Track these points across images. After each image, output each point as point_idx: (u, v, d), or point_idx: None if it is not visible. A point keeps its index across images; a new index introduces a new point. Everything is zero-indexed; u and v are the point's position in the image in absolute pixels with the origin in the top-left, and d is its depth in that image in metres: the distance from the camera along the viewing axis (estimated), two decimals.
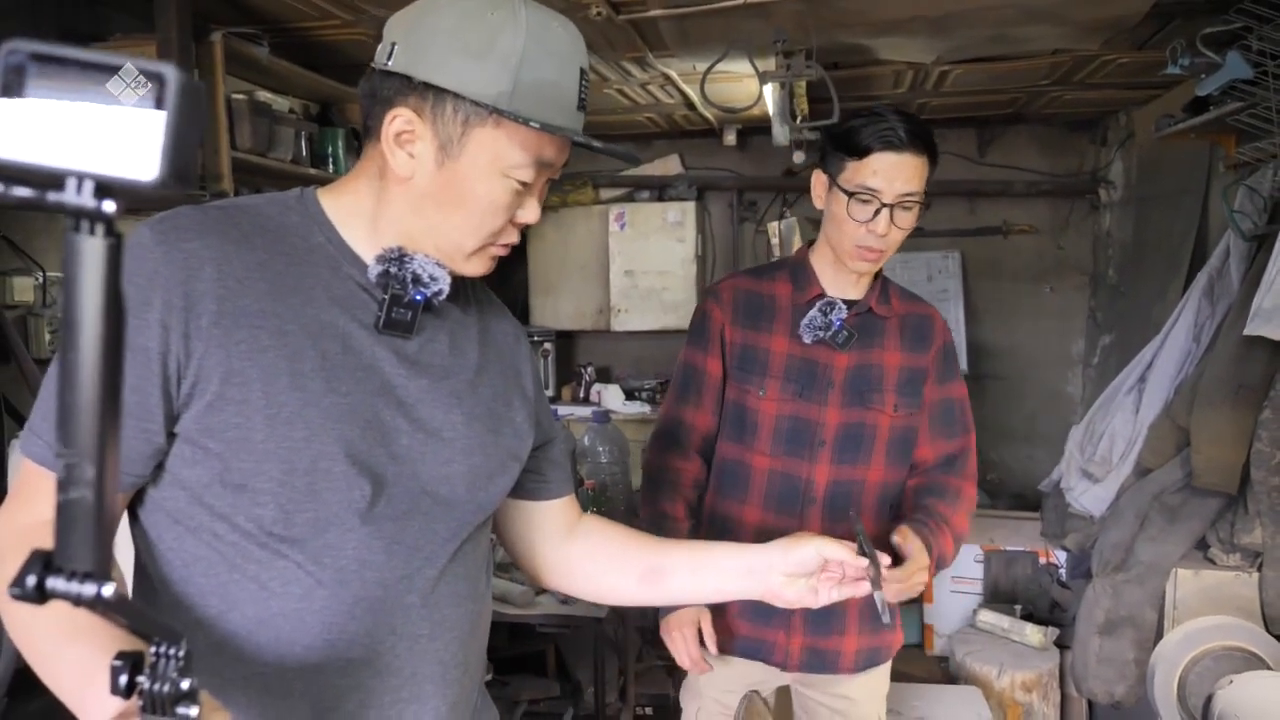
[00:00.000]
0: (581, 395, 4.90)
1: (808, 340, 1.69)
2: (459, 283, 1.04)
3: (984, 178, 4.82)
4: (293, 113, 2.89)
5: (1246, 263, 2.67)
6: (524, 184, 0.99)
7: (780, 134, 2.83)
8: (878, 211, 1.59)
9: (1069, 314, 4.88)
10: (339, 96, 3.14)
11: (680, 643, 1.68)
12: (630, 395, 4.77)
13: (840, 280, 1.72)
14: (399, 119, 0.94)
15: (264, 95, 2.55)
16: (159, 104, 0.41)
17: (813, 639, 1.74)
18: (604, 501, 2.86)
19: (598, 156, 4.64)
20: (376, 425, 0.97)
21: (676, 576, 1.20)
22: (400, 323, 0.99)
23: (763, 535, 1.69)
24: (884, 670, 1.83)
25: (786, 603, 1.17)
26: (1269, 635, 2.31)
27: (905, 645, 3.77)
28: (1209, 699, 2.08)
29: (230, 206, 0.99)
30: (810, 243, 1.80)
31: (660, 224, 4.80)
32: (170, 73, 0.41)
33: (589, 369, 4.95)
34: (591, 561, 1.23)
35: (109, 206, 0.41)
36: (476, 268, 1.03)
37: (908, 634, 3.89)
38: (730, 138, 4.52)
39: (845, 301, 1.71)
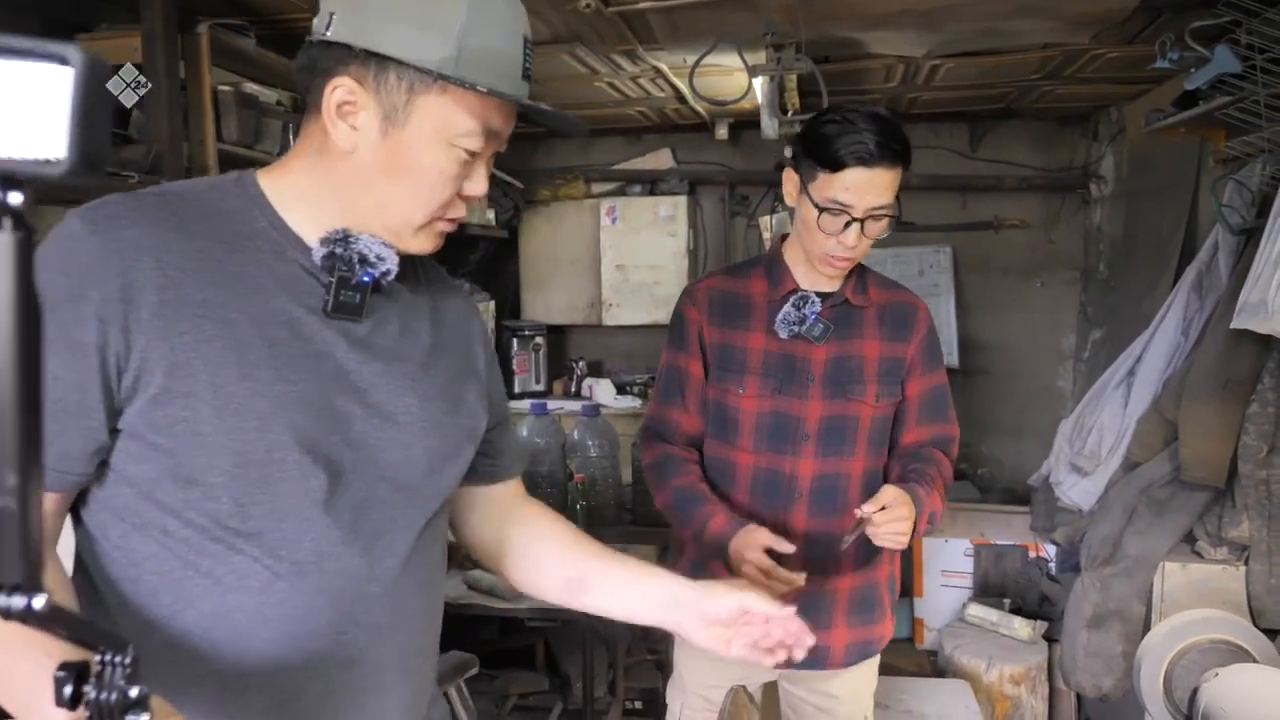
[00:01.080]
0: (573, 390, 4.89)
1: (784, 335, 1.69)
2: (407, 262, 1.02)
3: (975, 172, 4.81)
4: (280, 105, 2.87)
5: (1235, 257, 2.67)
6: (471, 154, 0.96)
7: (769, 127, 2.83)
8: (848, 224, 1.58)
9: (1060, 308, 4.89)
10: None
11: (751, 571, 1.54)
12: (621, 390, 4.76)
13: (814, 273, 1.72)
14: (340, 89, 0.92)
15: (251, 87, 2.53)
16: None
17: None
18: (593, 495, 2.86)
19: (589, 150, 4.63)
20: (330, 412, 0.95)
21: (594, 593, 1.19)
22: (349, 305, 0.97)
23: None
24: (872, 664, 1.83)
25: (697, 643, 1.15)
26: (1255, 628, 2.32)
27: (895, 639, 3.82)
28: (1195, 692, 2.08)
29: (166, 192, 0.96)
30: (784, 237, 1.80)
31: (652, 218, 4.79)
32: (73, 54, 0.40)
33: (580, 363, 4.94)
34: (524, 554, 1.22)
35: (15, 198, 0.39)
36: (424, 244, 1.01)
37: (898, 627, 3.89)
38: (722, 132, 4.51)
39: (820, 294, 1.71)
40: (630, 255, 4.80)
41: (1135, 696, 2.43)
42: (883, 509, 1.50)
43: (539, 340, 4.84)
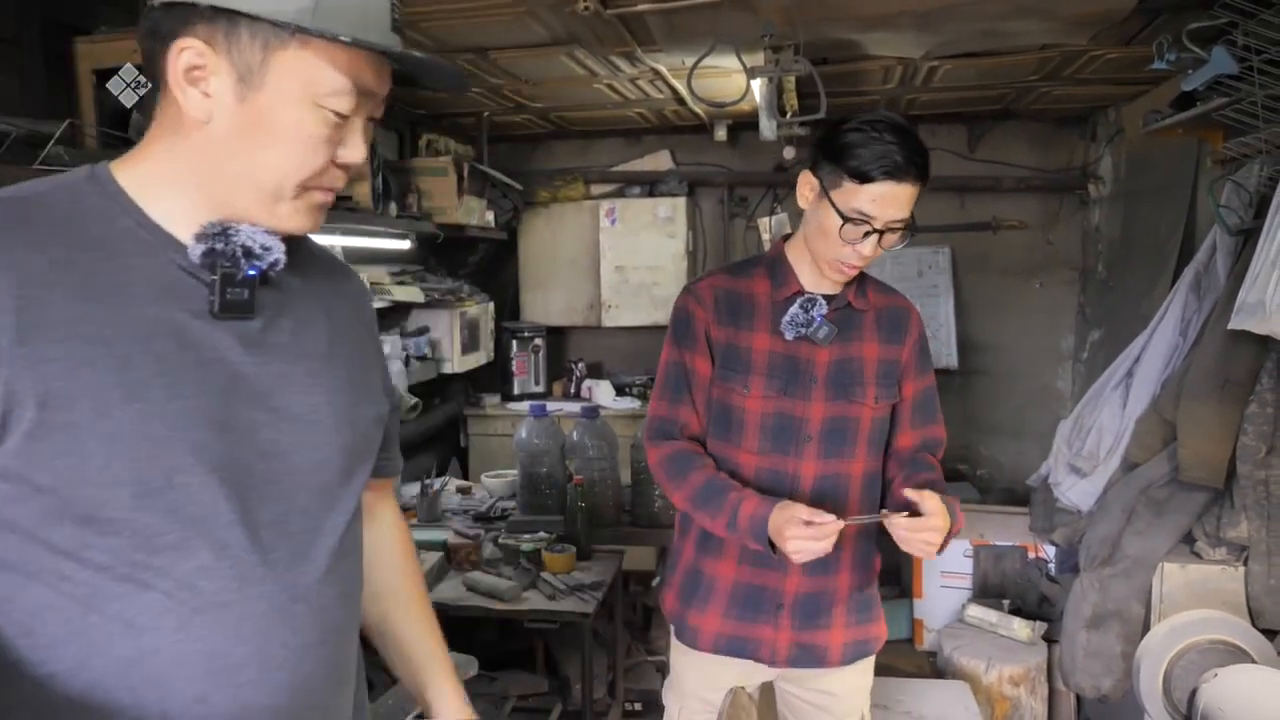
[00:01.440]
0: (572, 391, 4.90)
1: (789, 337, 1.69)
2: (293, 249, 0.94)
3: (974, 173, 4.82)
4: None
5: (1233, 257, 2.68)
6: (342, 116, 0.88)
7: (767, 129, 2.83)
8: (867, 234, 1.58)
9: (1058, 309, 4.89)
10: None
11: (802, 546, 1.50)
12: (621, 391, 4.77)
13: (819, 276, 1.72)
14: (187, 52, 0.84)
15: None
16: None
17: (800, 634, 1.75)
18: (592, 497, 2.86)
19: (588, 151, 4.62)
20: (232, 424, 0.87)
21: (384, 641, 1.20)
22: (238, 303, 0.88)
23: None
24: (868, 664, 1.83)
25: None
26: (1254, 629, 2.32)
27: (895, 640, 3.83)
28: (1193, 693, 2.08)
29: (8, 200, 0.85)
30: (786, 238, 1.79)
31: (651, 219, 4.80)
32: None
33: (580, 365, 4.95)
34: (365, 567, 1.14)
35: None
36: (302, 220, 0.92)
37: (898, 629, 3.89)
38: (721, 133, 4.52)
39: (825, 297, 1.71)
40: (629, 256, 4.81)
41: (1134, 697, 2.43)
42: (910, 515, 1.50)
43: (538, 342, 4.84)
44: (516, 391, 4.80)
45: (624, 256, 4.81)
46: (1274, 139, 2.33)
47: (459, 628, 2.96)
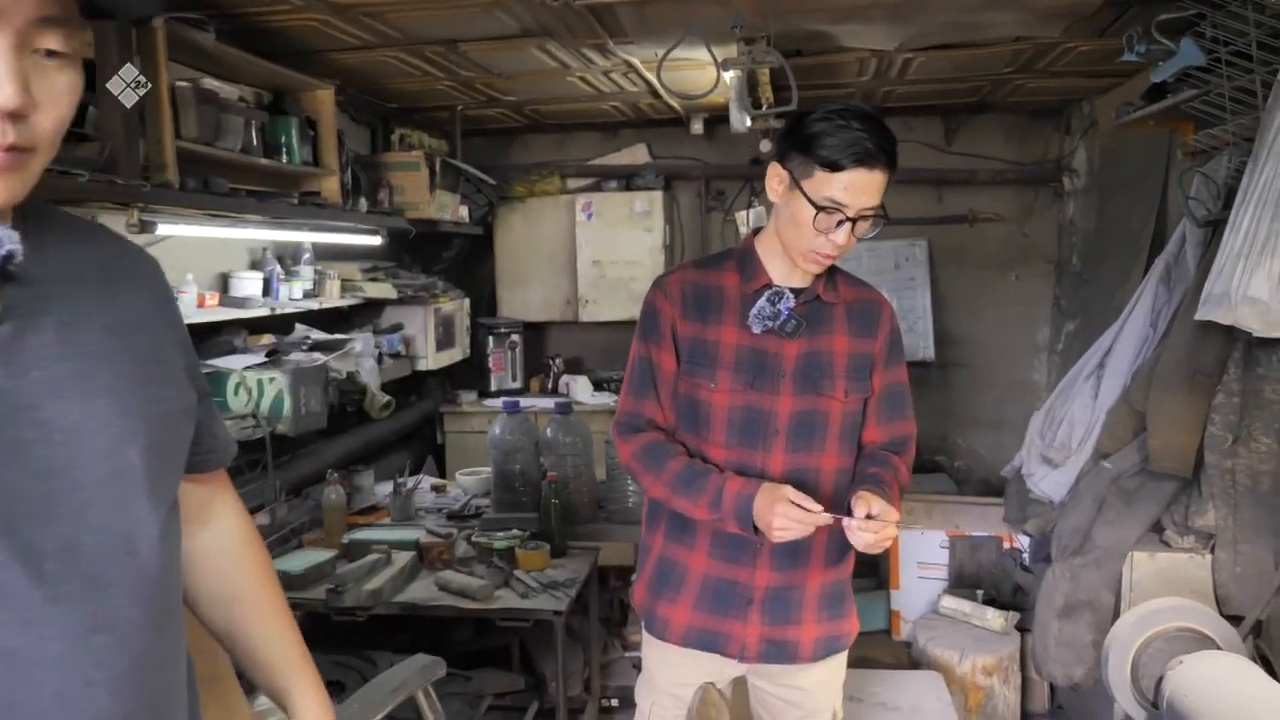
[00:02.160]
0: (550, 387, 4.87)
1: (757, 330, 1.68)
2: (46, 236, 0.82)
3: (950, 166, 4.83)
4: (243, 101, 2.84)
5: (1202, 249, 2.69)
6: None
7: (738, 121, 2.82)
8: (840, 223, 1.58)
9: (1034, 301, 4.92)
10: (292, 84, 3.09)
11: (789, 525, 1.52)
12: (599, 386, 4.76)
13: (788, 269, 1.71)
14: None
15: (210, 83, 2.50)
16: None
17: (770, 629, 1.74)
18: (566, 493, 2.84)
19: (564, 145, 4.59)
20: None
21: (235, 647, 1.11)
22: None
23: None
24: (840, 659, 1.83)
25: None
26: (1219, 616, 2.34)
27: (872, 631, 3.84)
28: (1160, 680, 2.10)
29: None
30: (756, 231, 1.78)
31: (628, 214, 4.78)
32: None
33: (557, 360, 4.92)
34: (202, 571, 1.06)
35: None
36: None
37: (875, 620, 3.91)
38: (697, 126, 4.50)
39: (793, 290, 1.70)
40: (606, 251, 4.79)
41: (1104, 686, 2.45)
42: (869, 518, 1.50)
43: (515, 338, 4.82)
44: (494, 388, 4.78)
45: (601, 251, 4.79)
46: (1241, 131, 2.34)
47: (432, 627, 2.95)
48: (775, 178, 1.66)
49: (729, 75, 2.85)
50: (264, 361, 2.92)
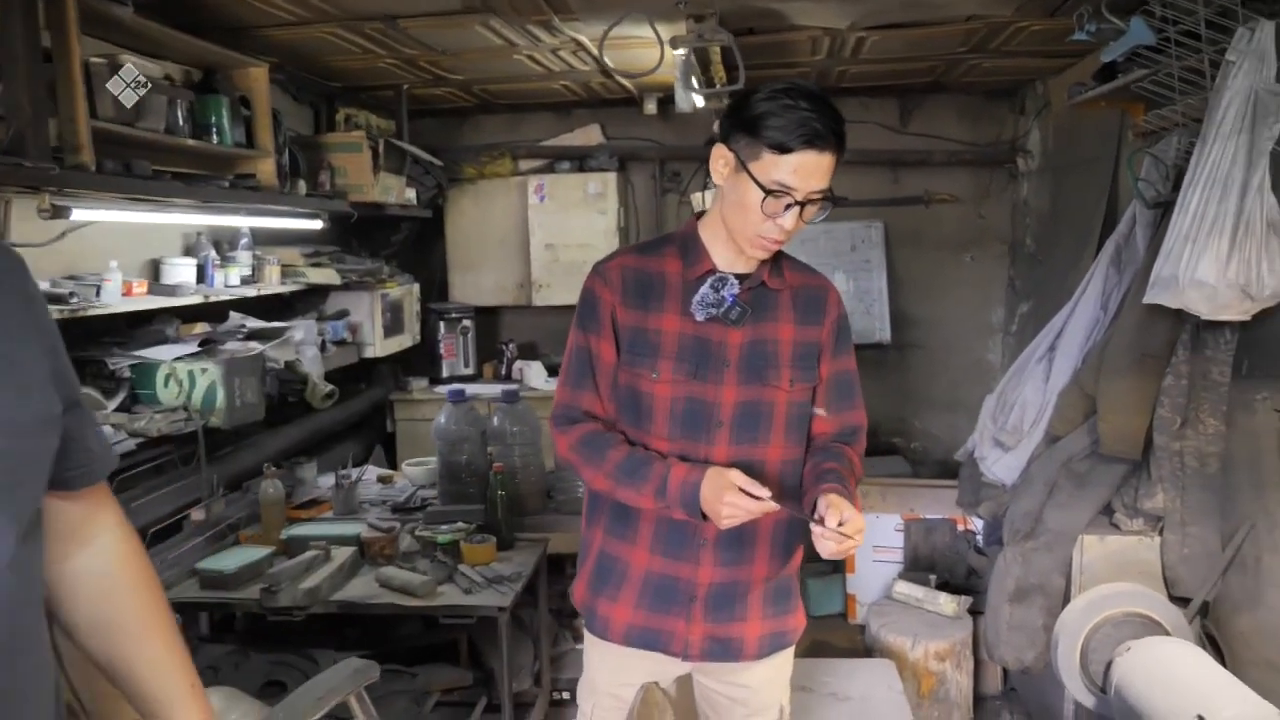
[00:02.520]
0: (504, 373, 4.79)
1: (700, 318, 1.62)
2: None
3: (906, 147, 4.81)
4: (169, 79, 2.70)
5: (1151, 230, 2.68)
6: None
7: (684, 100, 2.75)
8: (788, 207, 1.52)
9: (989, 283, 4.92)
10: (223, 62, 2.95)
11: (737, 510, 1.47)
12: (554, 371, 4.67)
13: (732, 254, 1.65)
14: None
15: (130, 59, 2.37)
16: None
17: (714, 626, 1.69)
18: (514, 484, 2.77)
19: (517, 125, 4.49)
20: None
21: (117, 678, 1.02)
22: None
23: (662, 521, 1.64)
24: (787, 655, 1.78)
25: None
26: (1167, 600, 2.34)
27: (828, 615, 3.84)
28: (1109, 665, 2.09)
29: None
30: (699, 215, 1.72)
31: (581, 196, 4.69)
32: None
33: (511, 346, 4.84)
34: (79, 596, 0.99)
35: None
36: None
37: (831, 604, 3.90)
38: (651, 107, 4.41)
39: (737, 276, 1.64)
40: (560, 234, 4.70)
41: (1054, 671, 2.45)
42: (841, 524, 1.44)
43: (467, 323, 4.72)
44: (445, 374, 4.68)
45: (554, 234, 4.70)
46: (1190, 111, 2.32)
47: (375, 623, 2.88)
48: (720, 160, 1.60)
49: (676, 53, 2.76)
50: (197, 351, 2.81)
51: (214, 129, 2.82)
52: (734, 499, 1.46)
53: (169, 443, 2.81)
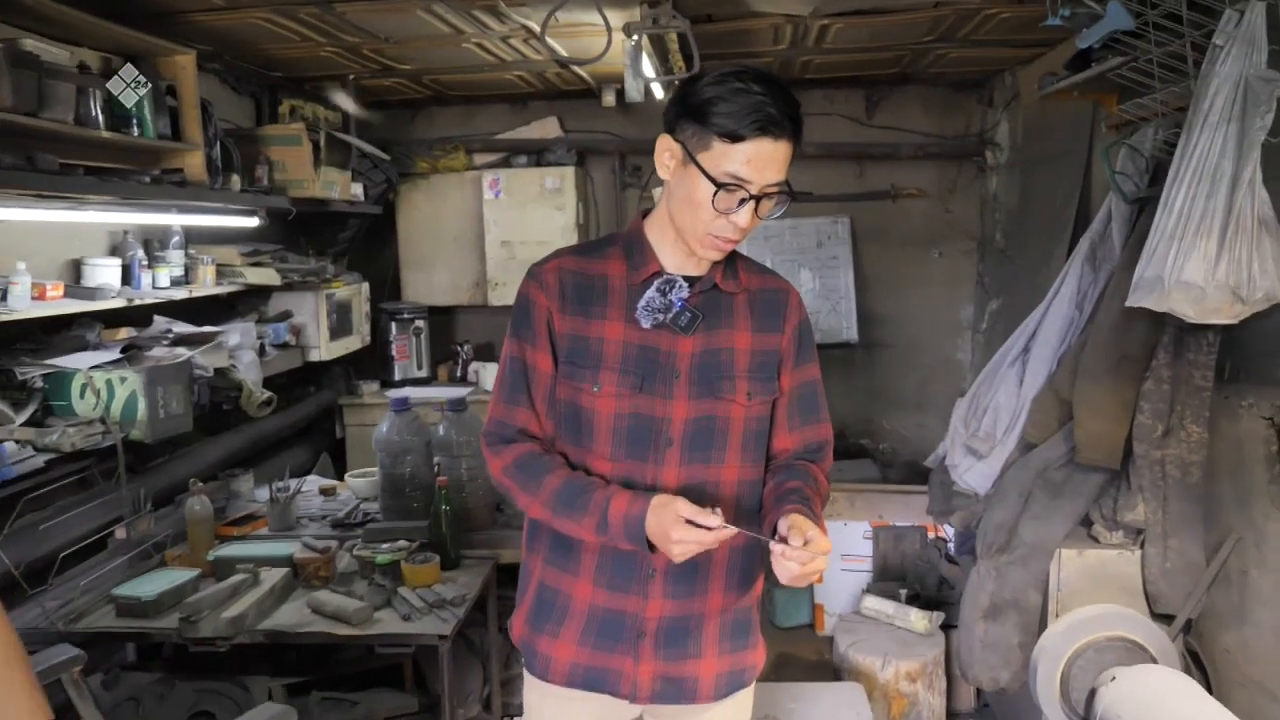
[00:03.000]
0: (459, 375, 4.61)
1: (646, 325, 1.46)
2: None
3: (872, 140, 4.68)
4: (84, 68, 2.49)
5: (1128, 227, 2.56)
6: None
7: (634, 89, 2.59)
8: (742, 202, 1.37)
9: (958, 279, 4.82)
10: (145, 49, 2.74)
11: (688, 544, 1.32)
12: None
13: (681, 255, 1.49)
14: None
15: (31, 43, 2.16)
16: None
17: (665, 665, 1.53)
18: (458, 500, 2.60)
19: (471, 118, 4.31)
20: None
21: None
22: None
23: (606, 550, 1.48)
24: (746, 695, 1.63)
25: None
26: (1151, 622, 2.22)
27: (796, 626, 3.71)
28: (1091, 694, 1.97)
29: None
30: (645, 212, 1.56)
31: (538, 191, 4.51)
32: None
33: (466, 347, 4.66)
34: None
35: None
36: None
37: (798, 615, 3.77)
38: (609, 98, 4.24)
39: (687, 279, 1.48)
40: (516, 230, 4.52)
41: (1032, 694, 2.32)
42: (805, 543, 1.29)
43: (420, 324, 4.53)
44: (398, 377, 4.49)
45: (510, 231, 4.52)
46: (1171, 100, 2.20)
47: (315, 646, 2.69)
48: (665, 151, 1.44)
49: (626, 40, 2.60)
50: (117, 359, 2.60)
51: (134, 120, 2.61)
52: (683, 533, 1.30)
53: (88, 457, 2.61)
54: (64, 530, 2.45)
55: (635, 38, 2.48)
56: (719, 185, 1.36)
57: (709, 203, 1.38)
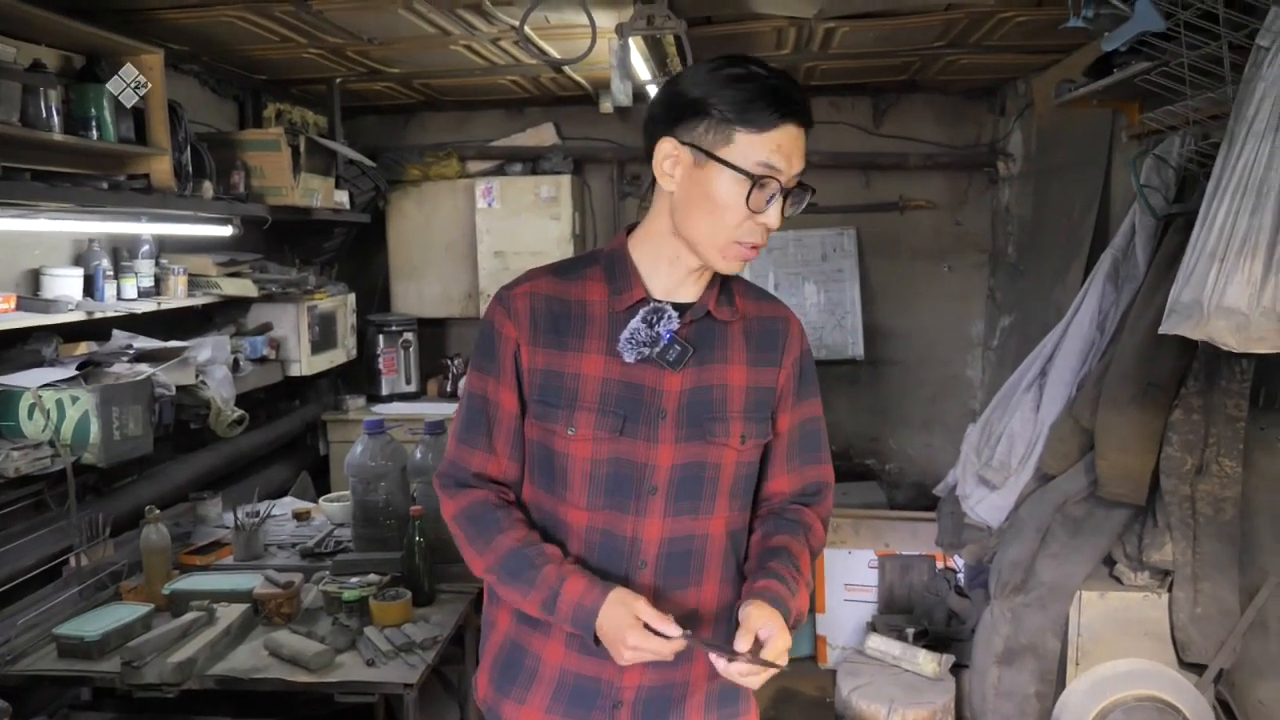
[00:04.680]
0: (449, 389, 4.44)
1: (630, 359, 1.29)
2: None
3: (879, 149, 4.52)
4: (39, 66, 2.33)
5: (1154, 243, 2.39)
6: None
7: (620, 92, 2.43)
8: (771, 198, 1.24)
9: (968, 294, 4.65)
10: (109, 47, 2.59)
11: (642, 652, 1.20)
12: None
13: (672, 279, 1.33)
14: None
15: None
16: None
17: None
18: (434, 530, 2.42)
19: (464, 124, 4.16)
20: None
21: None
22: None
23: None
24: None
25: None
26: (1182, 677, 2.04)
27: (797, 658, 3.52)
28: None
29: None
30: (630, 229, 1.39)
31: (533, 200, 4.36)
32: None
33: (456, 361, 4.49)
34: None
35: None
36: None
37: (800, 646, 3.59)
38: (607, 105, 4.07)
39: (676, 306, 1.31)
40: (510, 240, 4.36)
41: None
42: (756, 649, 1.17)
43: (409, 336, 4.37)
44: (385, 392, 4.33)
45: (504, 241, 4.36)
46: (1204, 109, 2.03)
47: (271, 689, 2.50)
48: (668, 158, 1.27)
49: (612, 40, 2.44)
50: (72, 376, 2.44)
51: (94, 122, 2.46)
52: (640, 640, 1.17)
53: (39, 481, 2.45)
54: (8, 560, 2.28)
55: (621, 39, 2.32)
56: (754, 178, 1.21)
57: (738, 203, 1.23)
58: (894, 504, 4.10)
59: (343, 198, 3.85)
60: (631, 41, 2.62)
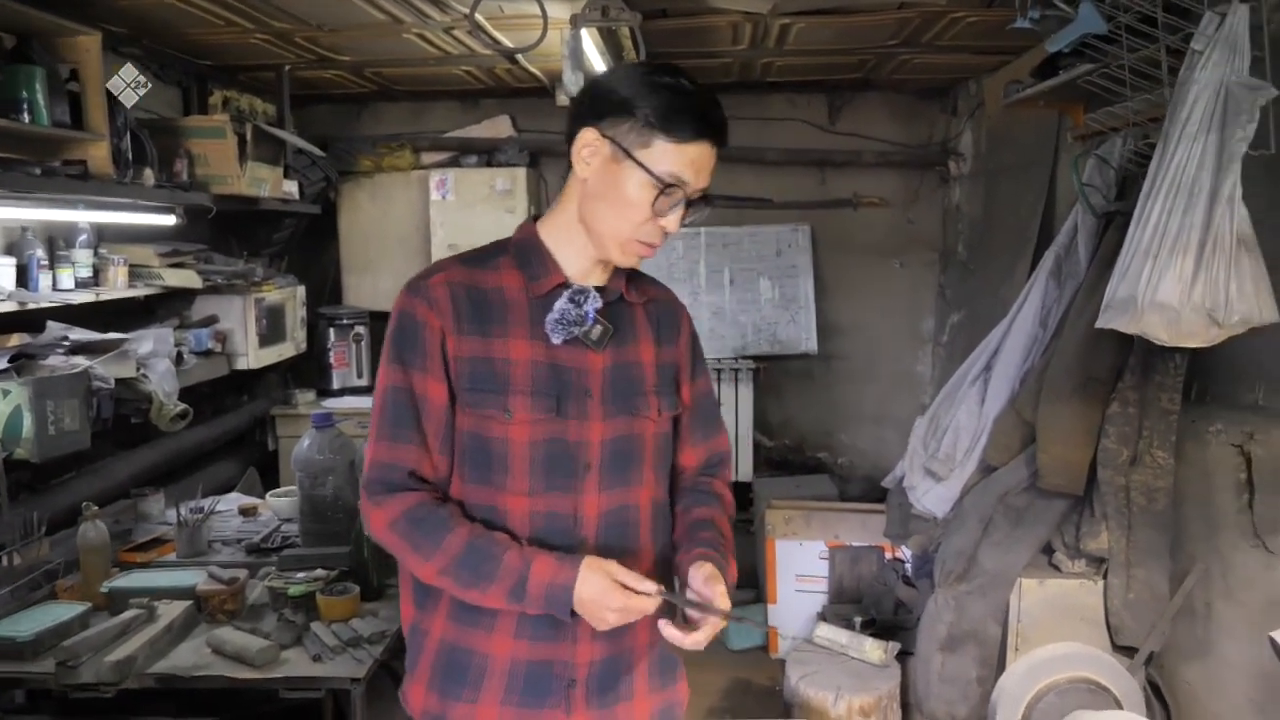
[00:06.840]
0: None
1: (558, 339, 1.32)
2: None
3: (835, 146, 4.56)
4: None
5: (1095, 241, 2.45)
6: None
7: (572, 83, 2.42)
8: (675, 205, 1.29)
9: (919, 291, 4.72)
10: (42, 27, 2.51)
11: (629, 613, 1.24)
12: None
13: (586, 263, 1.37)
14: None
15: None
16: None
17: (599, 712, 1.39)
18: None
19: (419, 115, 4.11)
20: None
21: None
22: None
23: None
24: None
25: None
26: (1115, 661, 2.10)
27: (748, 649, 3.56)
28: None
29: None
30: (536, 217, 1.41)
31: (488, 192, 4.33)
32: None
33: None
34: None
35: None
36: None
37: (751, 636, 3.61)
38: (563, 98, 4.04)
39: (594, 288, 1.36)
40: (464, 233, 4.32)
41: None
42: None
43: (360, 330, 4.31)
44: (336, 386, 4.27)
45: (458, 233, 4.32)
46: (1144, 110, 2.08)
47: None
48: (587, 146, 1.29)
49: (565, 31, 2.43)
50: (4, 369, 2.37)
51: (25, 104, 2.38)
52: (624, 601, 1.22)
53: None
54: None
55: (575, 29, 2.31)
56: (664, 184, 1.26)
57: (643, 203, 1.27)
58: (845, 497, 4.15)
59: (292, 188, 3.78)
60: (585, 33, 2.62)
